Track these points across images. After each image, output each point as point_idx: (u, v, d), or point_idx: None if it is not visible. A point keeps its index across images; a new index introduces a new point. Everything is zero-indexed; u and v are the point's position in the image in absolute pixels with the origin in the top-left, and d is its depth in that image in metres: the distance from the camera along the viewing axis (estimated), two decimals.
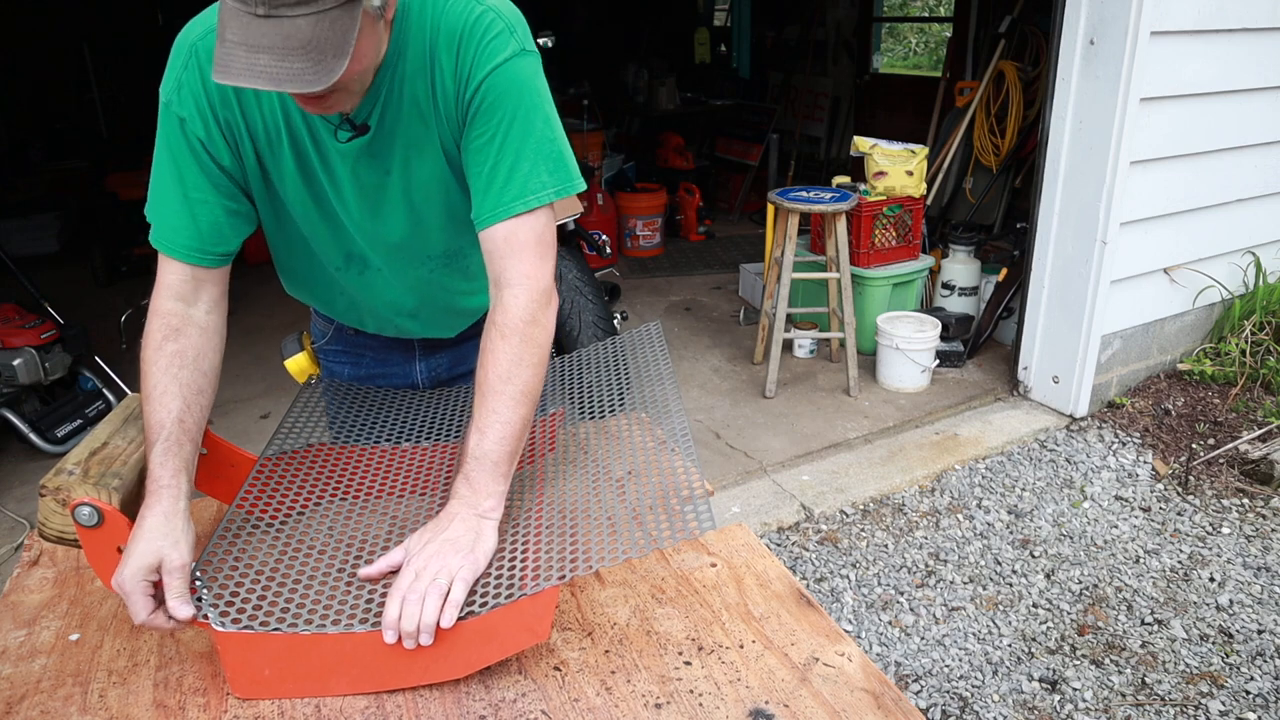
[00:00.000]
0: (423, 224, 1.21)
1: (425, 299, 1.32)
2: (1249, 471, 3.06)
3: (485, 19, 1.08)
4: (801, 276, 3.82)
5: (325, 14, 0.89)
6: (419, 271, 1.27)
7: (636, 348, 1.39)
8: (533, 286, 1.09)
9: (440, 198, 1.19)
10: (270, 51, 0.89)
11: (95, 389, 3.57)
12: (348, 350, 1.46)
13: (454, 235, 1.24)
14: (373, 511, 1.15)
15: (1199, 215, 3.51)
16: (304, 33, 0.89)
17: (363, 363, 1.46)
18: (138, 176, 5.16)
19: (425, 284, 1.29)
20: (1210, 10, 3.12)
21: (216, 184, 1.12)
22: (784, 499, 2.96)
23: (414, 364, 1.46)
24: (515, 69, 1.08)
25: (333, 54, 0.90)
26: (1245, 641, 2.33)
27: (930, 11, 10.34)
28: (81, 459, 1.00)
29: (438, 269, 1.28)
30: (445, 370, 1.48)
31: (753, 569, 1.14)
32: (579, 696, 0.92)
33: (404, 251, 1.24)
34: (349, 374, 1.47)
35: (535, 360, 1.08)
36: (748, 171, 6.75)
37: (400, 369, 1.46)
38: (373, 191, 1.16)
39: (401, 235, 1.21)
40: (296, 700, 0.91)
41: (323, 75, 0.90)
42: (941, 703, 2.15)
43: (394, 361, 1.46)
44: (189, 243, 1.11)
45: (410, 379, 1.47)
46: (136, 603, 0.91)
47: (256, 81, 0.89)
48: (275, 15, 0.88)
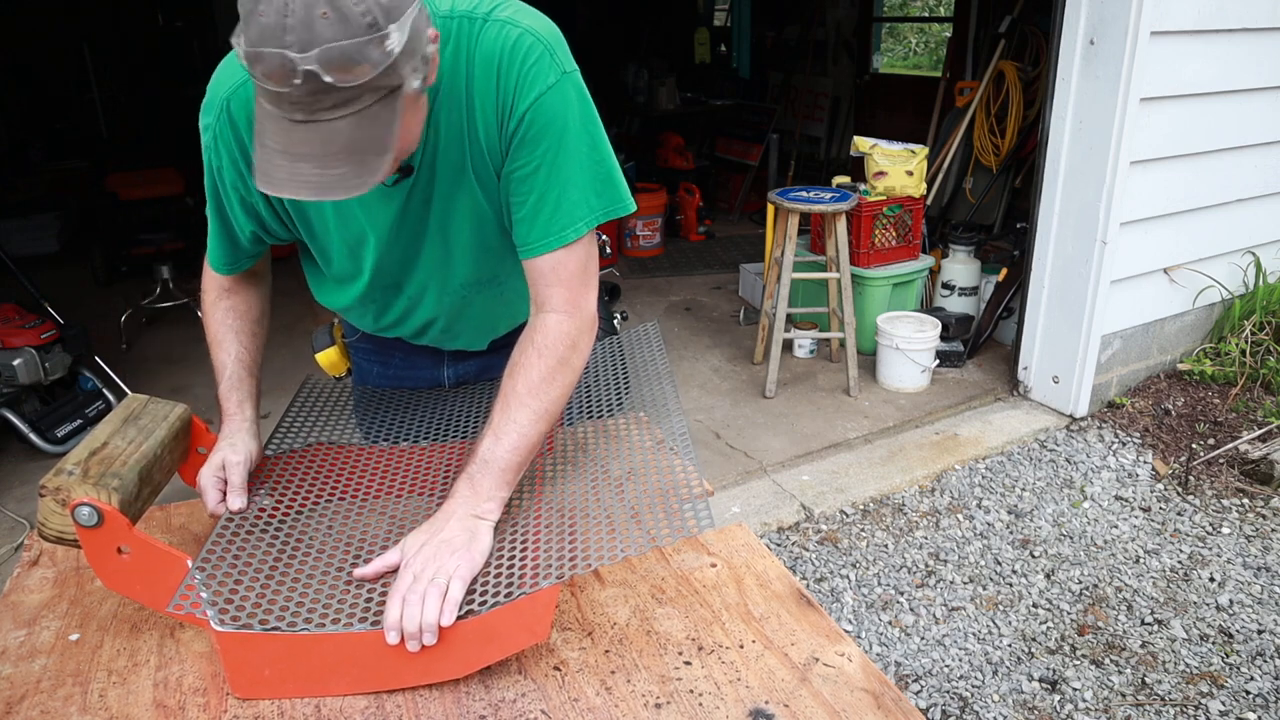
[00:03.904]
0: (453, 255, 1.20)
1: (456, 319, 1.32)
2: (1249, 471, 3.06)
3: (524, 44, 1.04)
4: (801, 276, 3.82)
5: (365, 112, 0.85)
6: (450, 299, 1.27)
7: (634, 347, 1.39)
8: (576, 314, 1.10)
9: (472, 227, 1.17)
10: (311, 160, 0.86)
11: (95, 389, 3.56)
12: (378, 350, 1.47)
13: (483, 264, 1.23)
14: (372, 511, 1.15)
15: (1199, 215, 3.51)
16: (344, 135, 0.85)
17: (391, 363, 1.47)
18: (137, 176, 5.16)
19: (457, 306, 1.29)
20: (1210, 10, 3.12)
21: (252, 218, 1.18)
22: (784, 499, 2.96)
23: (442, 369, 1.47)
24: (558, 95, 1.05)
25: (375, 152, 0.87)
26: (1245, 641, 2.33)
27: (930, 11, 10.34)
28: (81, 459, 1.00)
29: (470, 293, 1.27)
30: (472, 376, 1.48)
31: (753, 569, 1.14)
32: (579, 696, 0.92)
33: (436, 279, 1.24)
34: (378, 372, 1.48)
35: (566, 383, 1.09)
36: (748, 171, 6.75)
37: (428, 372, 1.47)
38: (413, 226, 1.16)
39: (434, 262, 1.21)
40: (296, 700, 0.91)
41: (366, 177, 0.88)
42: (941, 703, 2.15)
43: (422, 365, 1.46)
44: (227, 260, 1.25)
45: (438, 381, 1.48)
46: (208, 495, 1.11)
47: (300, 192, 0.87)
48: (314, 120, 0.85)
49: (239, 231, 1.19)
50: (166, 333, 4.60)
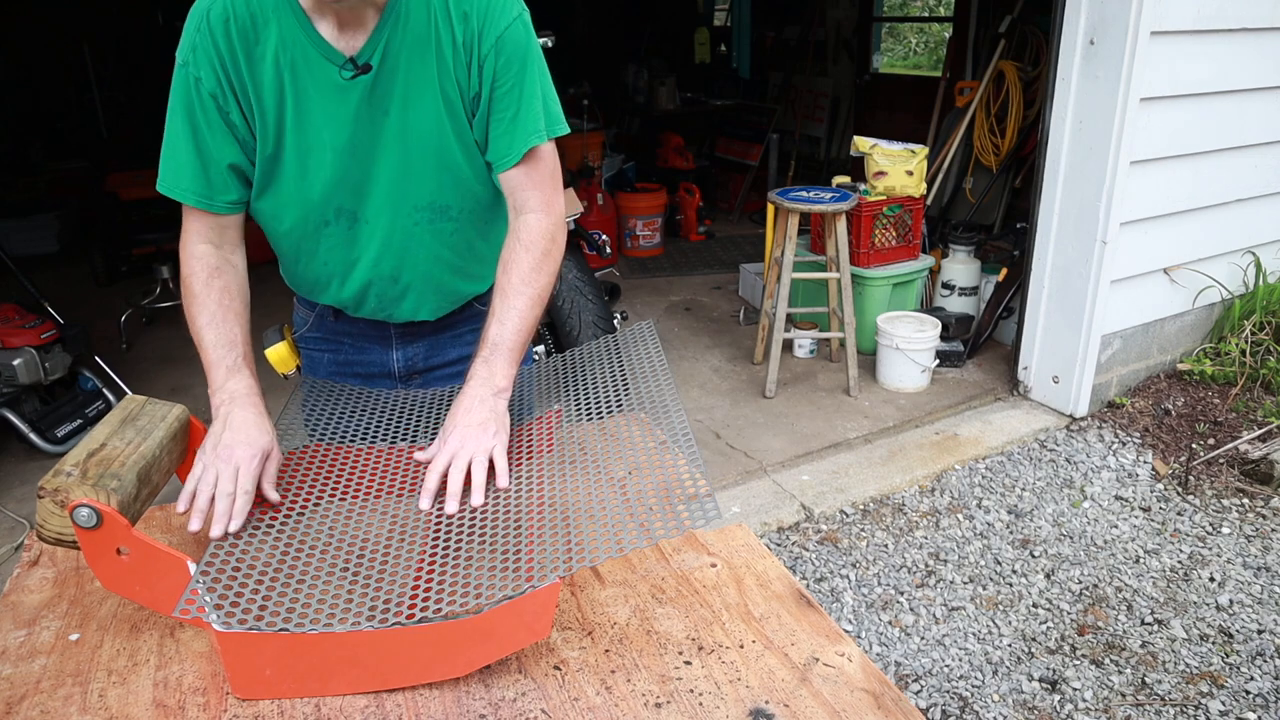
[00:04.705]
0: (413, 168, 1.27)
1: (407, 262, 1.35)
2: (1249, 471, 3.06)
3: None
4: (801, 276, 3.82)
5: None
6: (404, 223, 1.31)
7: (630, 346, 1.39)
8: (552, 213, 1.28)
9: (434, 141, 1.26)
10: None
11: (95, 389, 3.57)
12: (327, 337, 1.49)
13: (441, 187, 1.30)
14: (373, 511, 1.15)
15: (1199, 215, 3.51)
16: None
17: (341, 349, 1.49)
18: (137, 176, 5.16)
19: (409, 241, 1.33)
20: (1210, 10, 3.12)
21: (224, 136, 1.21)
22: (784, 499, 2.96)
23: (390, 352, 1.49)
24: (522, 27, 1.23)
25: None
26: (1245, 641, 2.33)
27: (930, 11, 10.34)
28: (80, 460, 1.00)
29: (423, 223, 1.32)
30: (421, 360, 1.50)
31: (753, 569, 1.14)
32: (579, 696, 0.92)
33: (392, 198, 1.29)
34: (328, 360, 1.50)
35: (551, 271, 1.27)
36: (748, 171, 6.75)
37: (377, 356, 1.49)
38: (369, 133, 1.23)
39: (391, 178, 1.27)
40: (296, 700, 0.91)
41: None
42: (941, 703, 2.15)
43: (371, 350, 1.48)
44: (196, 188, 1.22)
45: (386, 367, 1.50)
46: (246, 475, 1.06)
47: None
48: None
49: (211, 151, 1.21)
50: (166, 333, 4.60)
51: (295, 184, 1.27)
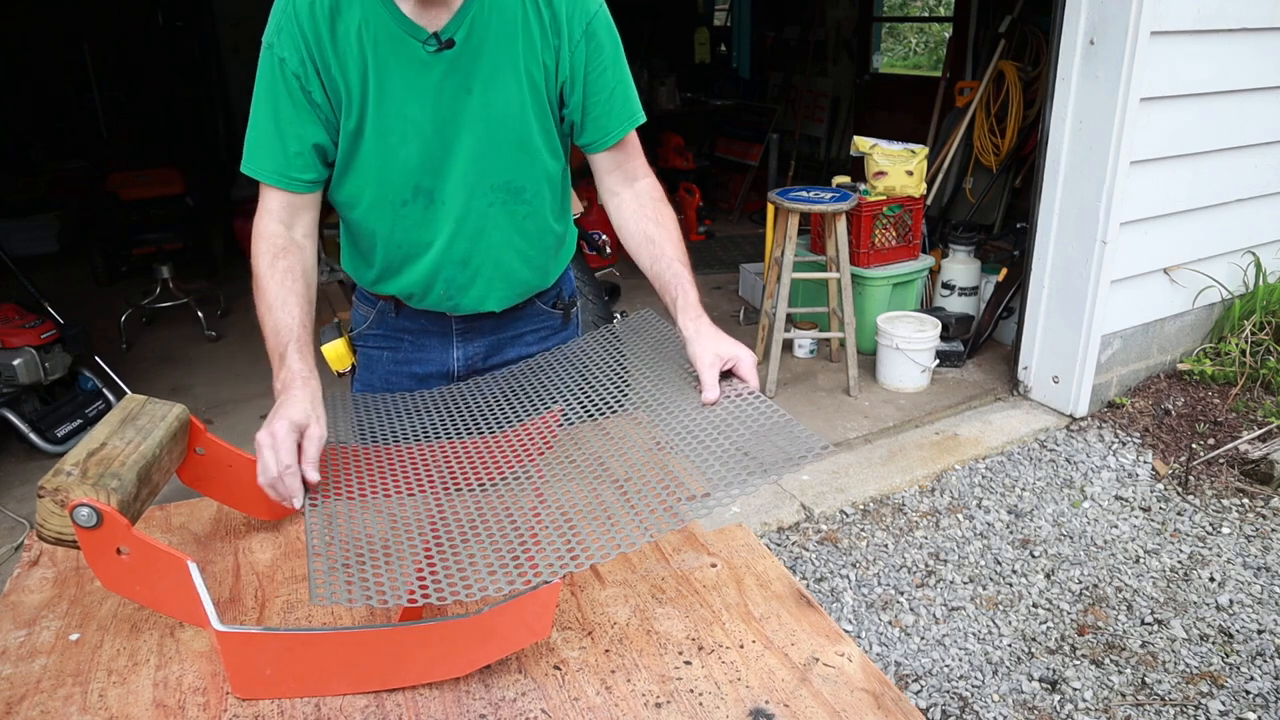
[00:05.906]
0: (492, 148, 1.29)
1: (479, 244, 1.36)
2: (1249, 471, 3.06)
3: None
4: (801, 276, 3.82)
5: None
6: (480, 204, 1.32)
7: (632, 336, 1.39)
8: (654, 177, 1.44)
9: (516, 122, 1.29)
10: None
11: (95, 389, 3.57)
12: (387, 335, 1.48)
13: (518, 167, 1.33)
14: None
15: (1199, 215, 3.51)
16: None
17: (401, 347, 1.48)
18: (137, 176, 5.16)
19: (483, 222, 1.34)
20: (1210, 10, 3.12)
21: (308, 115, 1.24)
22: (784, 499, 2.96)
23: (450, 350, 1.47)
24: (606, 14, 1.31)
25: None
26: (1245, 641, 2.33)
27: (930, 11, 10.34)
28: (80, 460, 1.00)
29: (497, 204, 1.34)
30: (481, 359, 1.49)
31: (753, 569, 1.14)
32: (579, 695, 0.92)
33: (469, 178, 1.30)
34: (386, 358, 1.49)
35: None
36: (748, 171, 6.75)
37: (436, 354, 1.48)
38: (451, 110, 1.26)
39: (470, 157, 1.28)
40: (296, 700, 0.91)
41: None
42: (941, 703, 2.15)
43: (431, 348, 1.47)
44: (274, 165, 1.25)
45: (445, 366, 1.48)
46: (283, 451, 1.02)
47: None
48: None
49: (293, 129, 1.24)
50: (166, 333, 4.60)
51: (376, 161, 1.28)
